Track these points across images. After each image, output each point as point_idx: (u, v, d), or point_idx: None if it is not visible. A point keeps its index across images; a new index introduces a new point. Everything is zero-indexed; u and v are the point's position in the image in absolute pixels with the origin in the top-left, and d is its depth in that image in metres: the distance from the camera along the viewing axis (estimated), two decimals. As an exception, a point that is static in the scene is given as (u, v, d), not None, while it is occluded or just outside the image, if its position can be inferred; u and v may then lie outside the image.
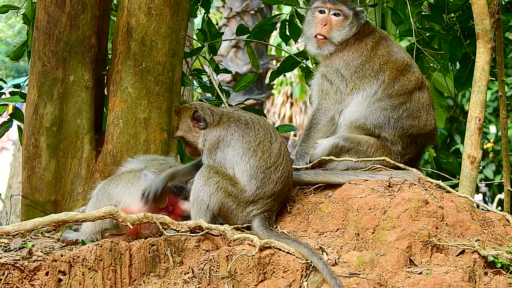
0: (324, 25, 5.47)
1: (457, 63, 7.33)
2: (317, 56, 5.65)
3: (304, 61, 6.94)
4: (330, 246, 4.65)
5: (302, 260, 4.44)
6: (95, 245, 4.46)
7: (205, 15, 7.09)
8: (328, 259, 4.45)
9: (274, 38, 20.67)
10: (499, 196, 16.73)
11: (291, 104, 26.42)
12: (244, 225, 4.90)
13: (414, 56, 6.55)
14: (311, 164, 5.41)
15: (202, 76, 6.96)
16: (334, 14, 5.49)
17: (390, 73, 5.42)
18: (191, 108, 5.09)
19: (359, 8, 5.57)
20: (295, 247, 4.49)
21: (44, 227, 4.55)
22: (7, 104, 6.76)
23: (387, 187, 4.94)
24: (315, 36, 5.50)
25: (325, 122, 5.50)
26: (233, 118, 5.04)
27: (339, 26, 5.47)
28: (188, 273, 4.47)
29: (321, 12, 5.53)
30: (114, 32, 5.92)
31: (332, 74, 5.46)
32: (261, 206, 4.91)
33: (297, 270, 4.42)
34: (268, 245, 4.52)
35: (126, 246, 4.50)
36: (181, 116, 5.12)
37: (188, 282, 4.42)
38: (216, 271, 4.46)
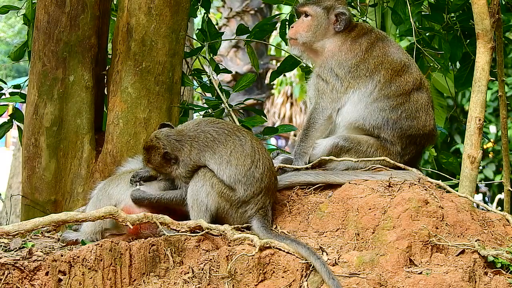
0: (292, 27, 5.68)
1: (457, 63, 7.33)
2: (302, 57, 5.89)
3: (304, 61, 6.94)
4: (330, 246, 4.64)
5: (302, 260, 4.44)
6: (95, 245, 4.45)
7: (205, 15, 7.09)
8: (328, 259, 4.45)
9: (274, 38, 20.68)
10: (499, 196, 16.75)
11: (291, 104, 26.46)
12: (244, 225, 4.90)
13: (414, 56, 6.54)
14: (311, 164, 5.41)
15: (202, 76, 6.95)
16: (305, 16, 5.65)
17: (386, 74, 5.42)
18: (159, 147, 4.94)
19: (339, 9, 5.56)
20: (294, 247, 4.48)
21: (44, 227, 4.54)
22: (7, 105, 6.76)
23: (387, 187, 4.94)
24: (289, 38, 5.72)
25: (323, 121, 5.50)
26: (200, 141, 4.96)
27: (306, 26, 5.60)
28: (188, 273, 4.47)
29: (299, 15, 5.71)
30: (114, 32, 5.92)
31: (327, 73, 5.48)
32: (254, 205, 4.90)
33: (297, 270, 4.42)
34: (268, 245, 4.52)
35: (126, 246, 4.50)
36: (150, 153, 4.98)
37: (188, 282, 4.42)
38: (216, 271, 4.46)
